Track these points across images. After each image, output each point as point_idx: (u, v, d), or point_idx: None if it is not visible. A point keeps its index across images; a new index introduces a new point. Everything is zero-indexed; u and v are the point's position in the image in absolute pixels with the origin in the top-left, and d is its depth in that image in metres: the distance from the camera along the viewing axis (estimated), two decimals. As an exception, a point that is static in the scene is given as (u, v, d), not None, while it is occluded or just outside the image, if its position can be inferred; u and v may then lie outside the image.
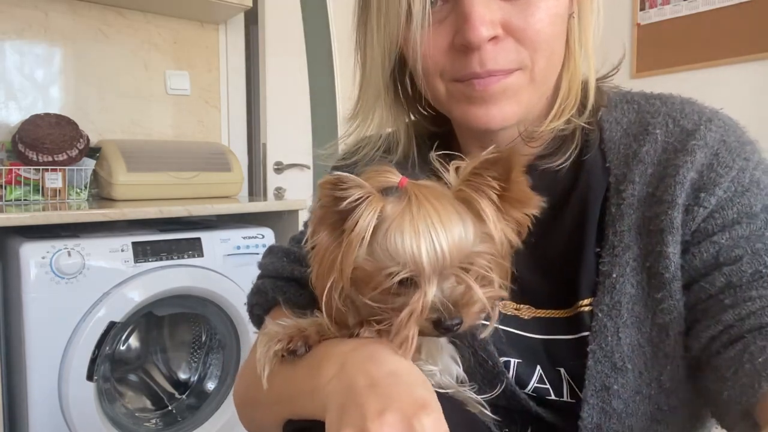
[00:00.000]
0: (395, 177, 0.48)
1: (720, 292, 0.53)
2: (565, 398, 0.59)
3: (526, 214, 0.50)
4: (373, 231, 0.45)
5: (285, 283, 0.69)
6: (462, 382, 0.56)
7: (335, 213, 0.47)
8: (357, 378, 0.46)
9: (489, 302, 0.48)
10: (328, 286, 0.47)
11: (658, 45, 2.30)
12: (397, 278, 0.45)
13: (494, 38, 0.54)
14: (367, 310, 0.49)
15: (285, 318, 0.55)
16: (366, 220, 0.45)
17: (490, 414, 0.57)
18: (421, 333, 0.47)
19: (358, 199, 0.45)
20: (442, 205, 0.46)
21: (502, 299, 0.51)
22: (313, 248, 0.50)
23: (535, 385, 0.60)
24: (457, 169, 0.49)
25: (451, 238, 0.45)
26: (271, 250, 0.76)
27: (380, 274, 0.46)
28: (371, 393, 0.44)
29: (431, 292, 0.45)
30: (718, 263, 0.53)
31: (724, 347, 0.50)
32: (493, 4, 0.53)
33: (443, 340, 0.55)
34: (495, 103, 0.56)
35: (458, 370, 0.55)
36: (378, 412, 0.42)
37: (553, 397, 0.60)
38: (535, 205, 0.50)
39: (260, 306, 0.71)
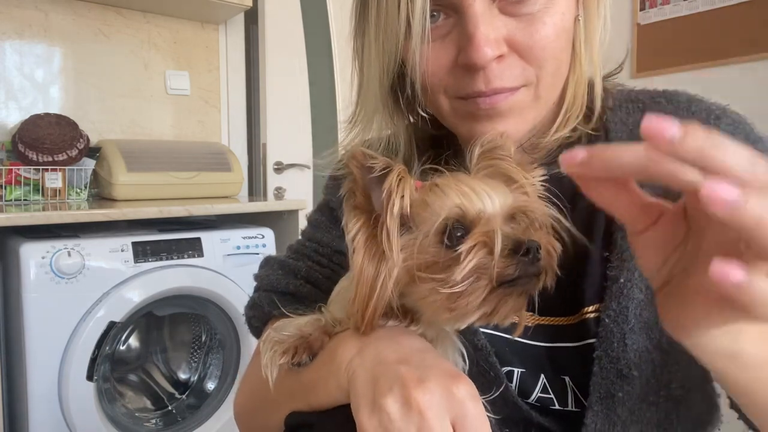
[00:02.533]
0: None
1: None
2: (569, 407, 0.58)
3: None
4: (410, 208, 0.44)
5: (280, 297, 0.69)
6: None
7: (364, 193, 0.45)
8: (385, 353, 0.45)
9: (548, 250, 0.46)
10: (381, 280, 0.44)
11: (658, 45, 2.30)
12: (447, 221, 0.43)
13: (499, 57, 0.52)
14: (423, 293, 0.45)
15: (286, 321, 0.54)
16: (400, 191, 0.44)
17: (491, 414, 0.57)
18: (499, 280, 0.42)
19: (385, 168, 0.43)
20: (470, 177, 0.47)
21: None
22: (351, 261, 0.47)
23: (539, 394, 0.60)
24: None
25: (493, 190, 0.44)
26: (267, 262, 0.75)
27: (429, 237, 0.43)
28: (405, 365, 0.43)
29: (495, 220, 0.43)
30: None
31: None
32: (497, 20, 0.51)
33: (454, 336, 0.54)
34: (501, 119, 0.55)
35: (464, 366, 0.54)
36: (418, 381, 0.42)
37: (557, 406, 0.59)
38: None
39: (257, 318, 0.71)
